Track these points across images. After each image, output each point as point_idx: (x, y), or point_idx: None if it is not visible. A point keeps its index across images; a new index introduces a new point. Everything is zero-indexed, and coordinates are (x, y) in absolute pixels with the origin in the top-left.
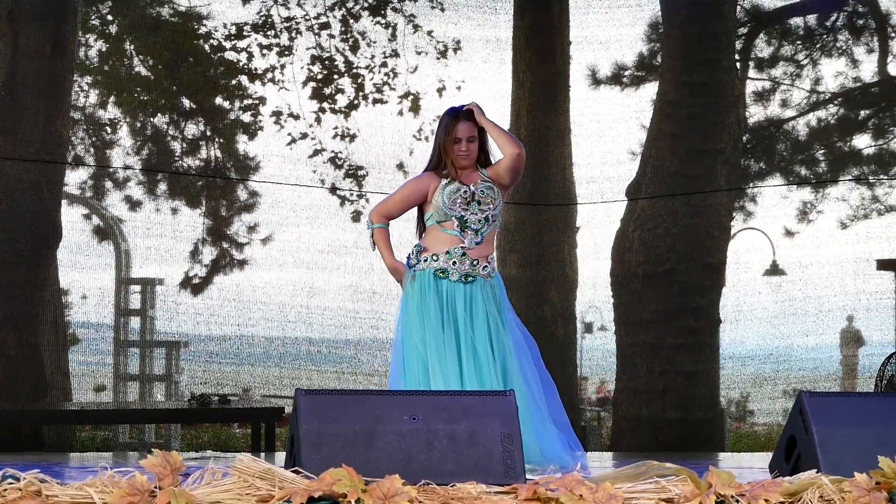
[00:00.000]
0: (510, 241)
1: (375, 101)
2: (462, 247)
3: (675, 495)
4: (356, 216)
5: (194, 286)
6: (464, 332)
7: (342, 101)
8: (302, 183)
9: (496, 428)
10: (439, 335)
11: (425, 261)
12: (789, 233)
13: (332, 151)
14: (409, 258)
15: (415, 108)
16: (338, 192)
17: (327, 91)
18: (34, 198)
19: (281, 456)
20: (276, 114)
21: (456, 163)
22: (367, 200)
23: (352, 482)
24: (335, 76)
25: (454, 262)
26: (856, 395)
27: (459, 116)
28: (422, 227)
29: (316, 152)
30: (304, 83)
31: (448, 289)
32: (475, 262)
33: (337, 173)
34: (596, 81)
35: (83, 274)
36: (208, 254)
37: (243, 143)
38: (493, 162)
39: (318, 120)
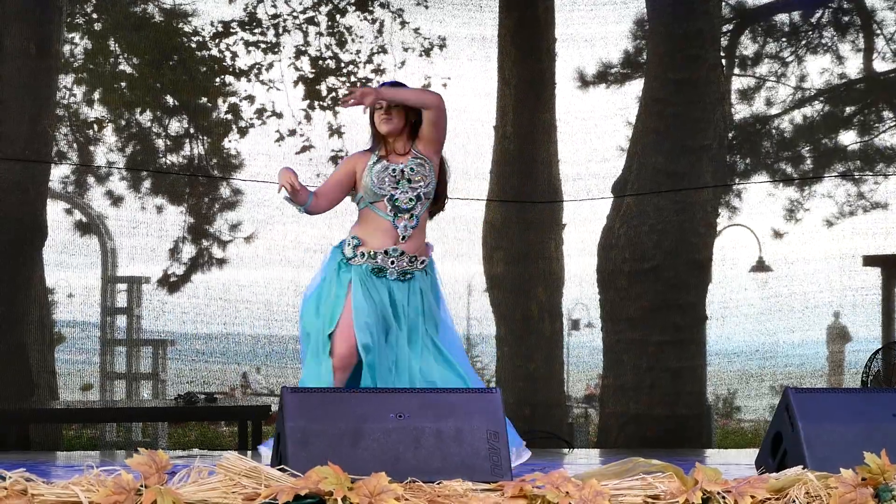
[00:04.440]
0: (496, 238)
1: None
2: (400, 246)
3: (661, 492)
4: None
5: (171, 284)
6: (395, 333)
7: (330, 97)
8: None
9: (482, 425)
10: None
11: (362, 256)
12: (778, 233)
13: (332, 150)
14: (342, 245)
15: None
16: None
17: (315, 88)
18: (19, 197)
19: (267, 454)
20: (261, 111)
21: (379, 129)
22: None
23: (338, 480)
24: (322, 73)
25: (393, 262)
26: (842, 391)
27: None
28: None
29: (304, 149)
30: (295, 83)
31: (386, 287)
32: (413, 259)
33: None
34: (584, 83)
35: (69, 272)
36: (188, 252)
37: (228, 141)
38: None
39: (308, 117)
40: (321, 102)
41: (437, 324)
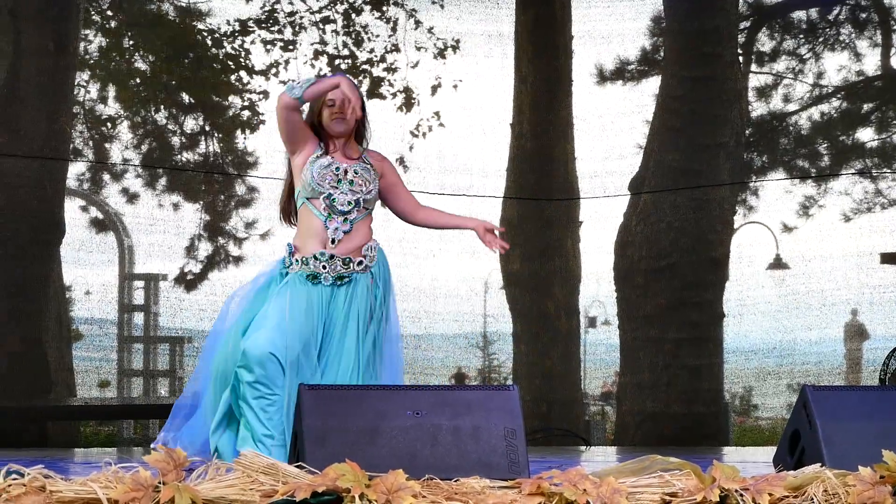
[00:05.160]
0: (513, 235)
1: (374, 96)
2: (328, 251)
3: (678, 489)
4: None
5: (188, 282)
6: (333, 341)
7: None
8: None
9: (500, 423)
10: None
11: (296, 263)
12: (794, 230)
13: None
14: (284, 258)
15: (408, 104)
16: None
17: None
18: (37, 195)
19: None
20: None
21: (329, 129)
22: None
23: (355, 477)
24: (336, 71)
25: (324, 266)
26: (860, 388)
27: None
28: (292, 207)
29: None
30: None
31: (321, 294)
32: (348, 261)
33: None
34: (601, 80)
35: (86, 270)
36: (205, 249)
37: (243, 139)
38: (368, 145)
39: None
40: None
41: (377, 336)
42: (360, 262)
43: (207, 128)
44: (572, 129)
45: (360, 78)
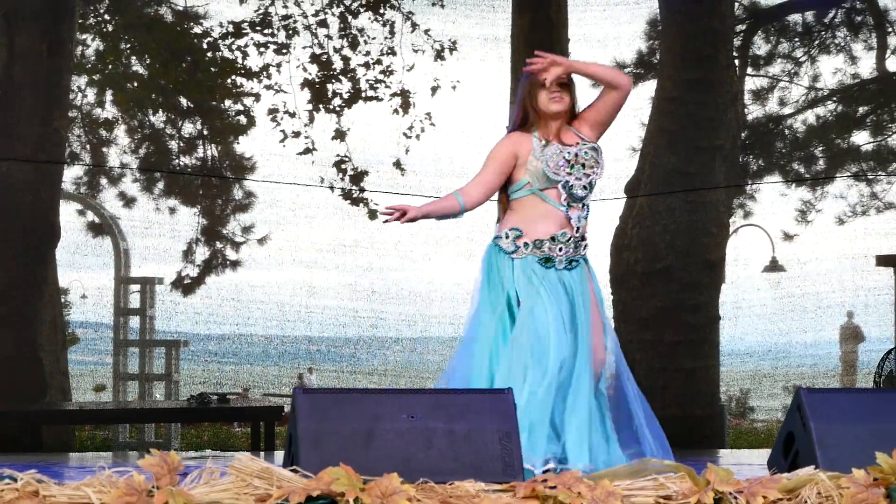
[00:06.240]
0: None
1: (370, 99)
2: (569, 232)
3: (673, 492)
4: (373, 214)
5: (185, 286)
6: (579, 326)
7: (338, 99)
8: (300, 182)
9: (494, 426)
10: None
11: (526, 247)
12: (790, 234)
13: (337, 155)
14: (496, 239)
15: (405, 106)
16: (336, 189)
17: (323, 89)
18: (32, 197)
19: (281, 455)
20: (272, 111)
21: (547, 109)
22: (366, 202)
23: (350, 481)
24: (331, 74)
25: (561, 249)
26: (854, 391)
27: None
28: (505, 199)
29: (307, 150)
30: (302, 85)
31: (555, 277)
32: (579, 244)
33: (337, 173)
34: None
35: (82, 273)
36: (201, 254)
37: (240, 142)
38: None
39: (312, 118)
40: (329, 106)
41: (605, 322)
42: (585, 247)
43: (206, 132)
44: None
45: (352, 80)
